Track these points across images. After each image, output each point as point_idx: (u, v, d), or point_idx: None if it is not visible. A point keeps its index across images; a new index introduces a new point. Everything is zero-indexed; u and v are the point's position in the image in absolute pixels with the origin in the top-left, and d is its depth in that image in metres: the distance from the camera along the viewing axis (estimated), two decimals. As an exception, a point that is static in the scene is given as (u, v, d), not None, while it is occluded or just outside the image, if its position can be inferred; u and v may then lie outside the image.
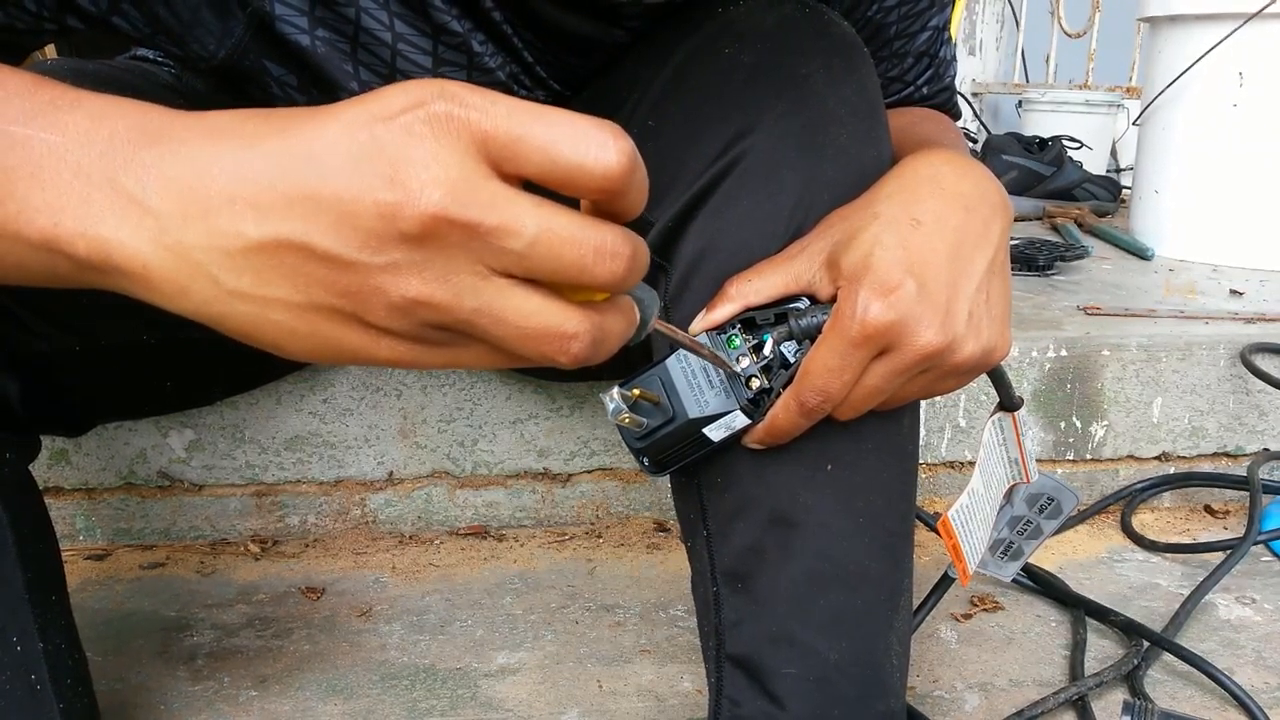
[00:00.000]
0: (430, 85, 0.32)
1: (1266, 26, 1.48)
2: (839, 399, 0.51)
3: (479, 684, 0.78)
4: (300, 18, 0.56)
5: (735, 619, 0.56)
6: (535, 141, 0.32)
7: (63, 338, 0.62)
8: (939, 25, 0.75)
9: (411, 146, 0.31)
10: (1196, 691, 0.79)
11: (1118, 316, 1.20)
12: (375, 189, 0.31)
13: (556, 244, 0.32)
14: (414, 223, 0.31)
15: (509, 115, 0.32)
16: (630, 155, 0.32)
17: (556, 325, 0.34)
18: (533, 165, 0.32)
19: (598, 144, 0.32)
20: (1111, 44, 2.88)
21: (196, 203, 0.32)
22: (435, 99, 0.32)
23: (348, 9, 0.57)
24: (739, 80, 0.58)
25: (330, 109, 0.33)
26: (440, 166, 0.31)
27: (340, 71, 0.59)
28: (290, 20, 0.56)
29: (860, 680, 0.55)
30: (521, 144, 0.32)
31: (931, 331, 0.49)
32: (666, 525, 1.05)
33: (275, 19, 0.56)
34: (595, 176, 0.32)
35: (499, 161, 0.32)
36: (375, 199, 0.31)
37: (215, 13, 0.55)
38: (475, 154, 0.32)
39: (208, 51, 0.57)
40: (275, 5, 0.55)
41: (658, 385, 0.53)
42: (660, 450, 0.55)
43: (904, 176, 0.54)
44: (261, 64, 0.59)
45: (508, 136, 0.32)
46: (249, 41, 0.57)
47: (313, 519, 1.00)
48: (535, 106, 0.32)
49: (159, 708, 0.74)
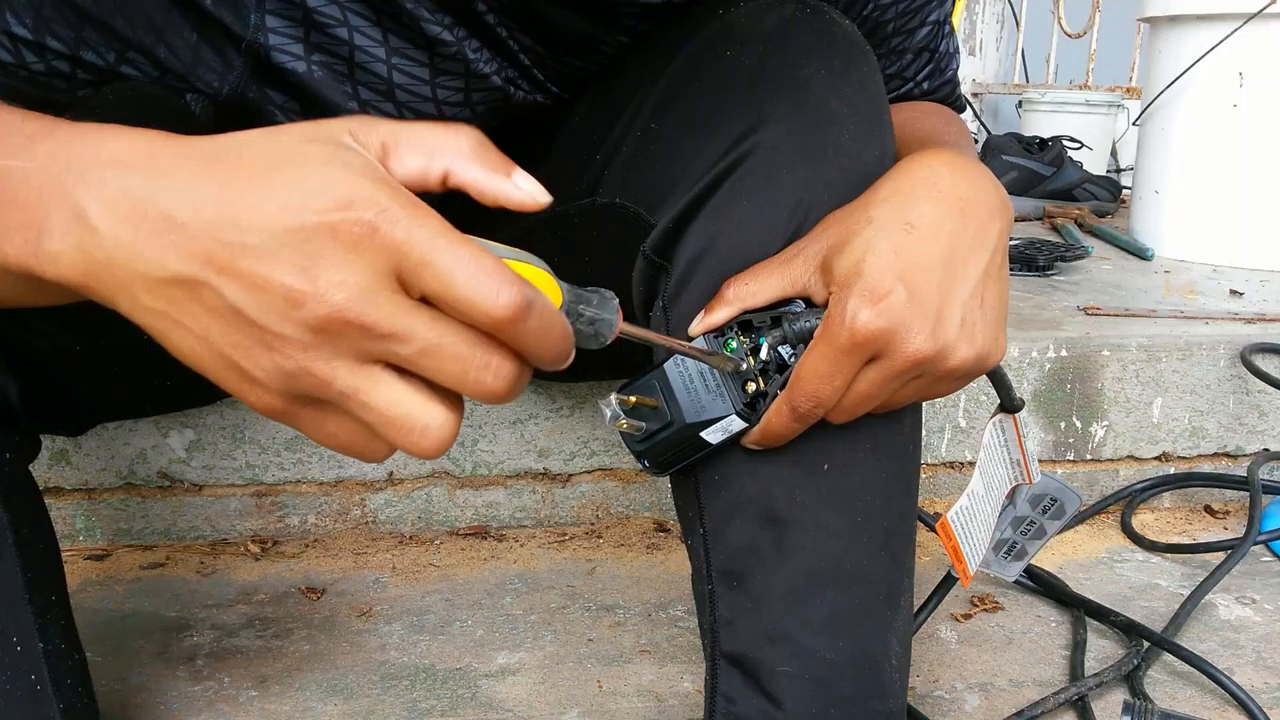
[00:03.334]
0: (363, 184, 0.35)
1: (1266, 26, 1.48)
2: (830, 404, 0.51)
3: (479, 684, 0.78)
4: (295, 45, 0.57)
5: (730, 617, 0.56)
6: (437, 269, 0.35)
7: (63, 337, 0.62)
8: (939, 20, 0.75)
9: (330, 247, 0.34)
10: (1196, 691, 0.79)
11: (1118, 316, 1.20)
12: (288, 274, 0.34)
13: (442, 358, 0.35)
14: (312, 315, 0.34)
15: (427, 240, 0.34)
16: (515, 308, 0.35)
17: (418, 419, 0.36)
18: (431, 292, 0.35)
19: (489, 290, 0.35)
20: (1111, 44, 2.88)
21: (131, 227, 0.35)
22: (364, 205, 0.34)
23: (339, 30, 0.57)
24: (741, 83, 0.58)
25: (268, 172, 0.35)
26: (349, 272, 0.34)
27: (339, 94, 0.60)
28: (285, 49, 0.57)
29: (857, 679, 0.55)
30: (426, 269, 0.35)
31: (921, 338, 0.49)
32: (666, 525, 1.05)
33: (270, 50, 0.56)
34: (482, 318, 0.35)
35: (405, 279, 0.35)
36: (285, 283, 0.34)
37: (214, 49, 0.56)
38: (385, 266, 0.34)
39: (212, 88, 0.58)
40: (269, 36, 0.56)
41: (655, 390, 0.54)
42: (660, 453, 0.55)
43: (900, 178, 0.53)
44: (265, 93, 0.60)
45: (418, 259, 0.34)
46: (249, 75, 0.58)
47: (313, 519, 1.00)
48: (454, 237, 0.35)
49: (159, 708, 0.74)
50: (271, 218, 0.34)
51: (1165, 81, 1.61)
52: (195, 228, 0.35)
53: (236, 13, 0.55)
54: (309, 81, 0.58)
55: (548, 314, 0.36)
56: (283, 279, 0.34)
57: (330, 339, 0.35)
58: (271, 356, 0.35)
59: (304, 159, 0.36)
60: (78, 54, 0.52)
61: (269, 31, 0.56)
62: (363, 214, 0.34)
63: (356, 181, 0.35)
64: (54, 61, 0.52)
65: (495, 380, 0.36)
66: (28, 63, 0.51)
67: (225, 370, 0.37)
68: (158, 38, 0.54)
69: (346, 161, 0.36)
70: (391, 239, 0.34)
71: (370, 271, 0.34)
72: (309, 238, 0.34)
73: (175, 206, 0.35)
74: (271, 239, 0.34)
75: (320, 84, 0.59)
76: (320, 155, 0.36)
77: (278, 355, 0.35)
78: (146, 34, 0.53)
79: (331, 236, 0.34)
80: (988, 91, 3.15)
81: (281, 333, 0.35)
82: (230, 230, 0.34)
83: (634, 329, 0.44)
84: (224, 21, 0.55)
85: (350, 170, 0.35)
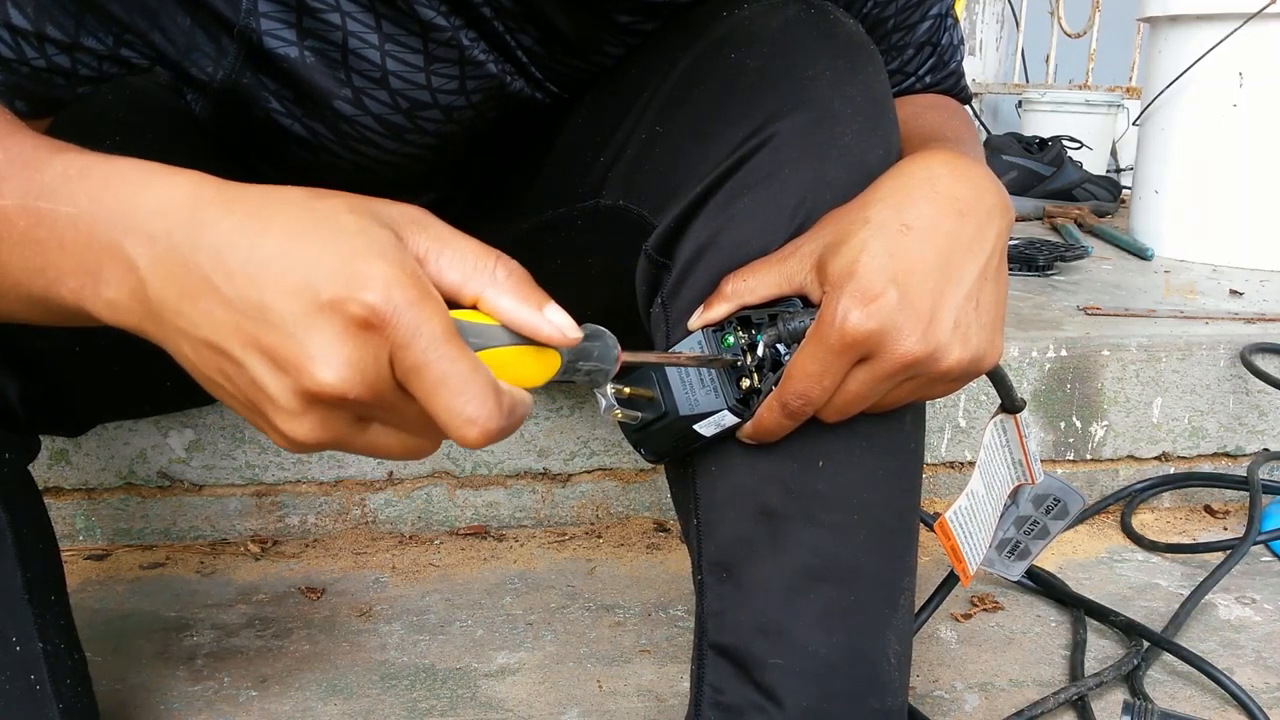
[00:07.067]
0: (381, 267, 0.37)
1: (1266, 26, 1.48)
2: (820, 403, 0.51)
3: (479, 684, 0.78)
4: (287, 30, 0.57)
5: (719, 608, 0.56)
6: (424, 381, 0.37)
7: (63, 337, 0.62)
8: (940, 13, 0.75)
9: (335, 333, 0.37)
10: (1196, 691, 0.79)
11: (1118, 316, 1.20)
12: (297, 355, 0.37)
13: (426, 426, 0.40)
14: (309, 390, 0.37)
15: (426, 346, 0.37)
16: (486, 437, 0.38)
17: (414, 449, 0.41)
18: (415, 395, 0.38)
19: (464, 420, 0.37)
20: (1111, 44, 2.88)
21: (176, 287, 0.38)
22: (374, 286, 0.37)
23: (331, 15, 0.57)
24: (745, 85, 0.58)
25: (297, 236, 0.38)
26: (349, 356, 0.37)
27: (332, 80, 0.59)
28: (277, 34, 0.57)
29: (852, 676, 0.55)
30: (415, 374, 0.37)
31: (912, 340, 0.49)
32: (666, 525, 1.05)
33: (263, 35, 0.56)
34: (454, 437, 0.38)
35: (398, 369, 0.38)
36: (295, 361, 0.37)
37: (207, 36, 0.56)
38: (384, 354, 0.37)
39: (206, 75, 0.58)
40: (261, 21, 0.56)
41: (651, 381, 0.54)
42: (655, 442, 0.56)
43: (899, 179, 0.53)
44: (259, 80, 0.59)
45: (412, 363, 0.37)
46: (242, 61, 0.58)
47: (313, 519, 1.00)
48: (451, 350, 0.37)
49: (159, 708, 0.74)
50: (289, 293, 0.37)
51: (1165, 81, 1.61)
52: (227, 295, 0.37)
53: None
54: (301, 68, 0.58)
55: (513, 422, 0.39)
56: (291, 356, 0.37)
57: (327, 411, 0.38)
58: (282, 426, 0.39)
59: (337, 231, 0.38)
60: (78, 40, 0.52)
61: (261, 16, 0.56)
62: (369, 298, 0.36)
63: (374, 265, 0.37)
64: (54, 57, 0.52)
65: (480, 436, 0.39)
66: (28, 58, 0.51)
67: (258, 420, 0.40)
68: (152, 23, 0.54)
69: (373, 240, 0.38)
70: (390, 330, 0.37)
71: (369, 359, 0.37)
72: (318, 319, 0.36)
73: (212, 269, 0.38)
74: (287, 315, 0.37)
75: (313, 70, 0.58)
76: (353, 228, 0.38)
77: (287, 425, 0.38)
78: (141, 18, 0.53)
79: (340, 320, 0.36)
80: (987, 91, 3.14)
81: (286, 405, 0.38)
82: (254, 303, 0.37)
83: (634, 357, 0.45)
84: (216, 6, 0.54)
85: (372, 252, 0.37)
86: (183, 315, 0.38)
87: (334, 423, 0.38)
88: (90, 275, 0.40)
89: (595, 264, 0.69)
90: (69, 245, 0.40)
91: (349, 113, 0.61)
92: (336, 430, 0.39)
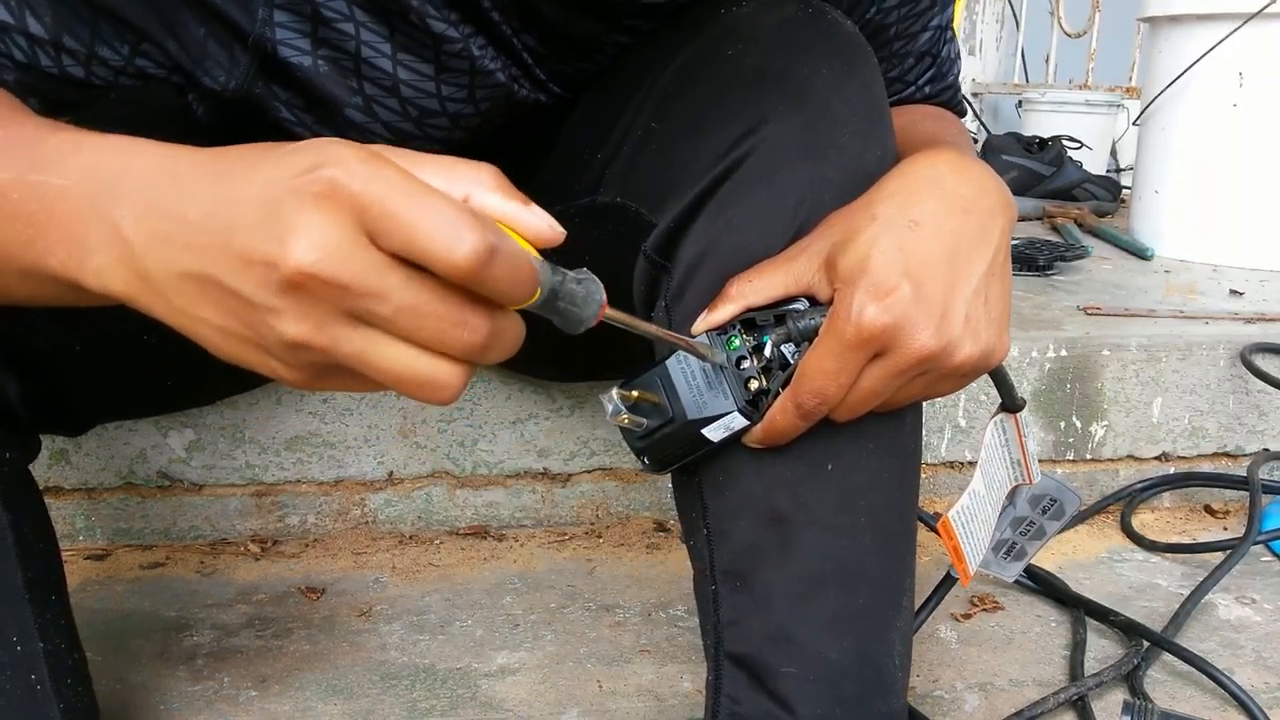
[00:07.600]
0: (329, 149, 0.35)
1: (1266, 26, 1.48)
2: (836, 401, 0.51)
3: (479, 684, 0.78)
4: (301, 40, 0.57)
5: (734, 617, 0.56)
6: (399, 222, 0.35)
7: (63, 337, 0.62)
8: (941, 25, 0.75)
9: (299, 210, 0.35)
10: (1196, 691, 0.79)
11: (1118, 316, 1.20)
12: (266, 244, 0.35)
13: (418, 316, 0.36)
14: (287, 276, 0.35)
15: (386, 190, 0.35)
16: (480, 253, 0.34)
17: (425, 375, 0.37)
18: (395, 244, 0.35)
19: (452, 237, 0.34)
20: (1111, 44, 2.88)
21: (155, 235, 0.38)
22: (329, 164, 0.35)
23: (345, 25, 0.57)
24: (742, 83, 0.58)
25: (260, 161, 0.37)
26: (318, 230, 0.35)
27: (344, 89, 0.60)
28: (291, 44, 0.57)
29: (861, 680, 0.55)
30: (388, 221, 0.35)
31: (927, 334, 0.49)
32: (666, 525, 1.05)
33: (277, 44, 0.56)
34: (445, 266, 0.35)
35: (374, 235, 0.35)
36: (264, 251, 0.35)
37: (220, 45, 0.56)
38: (353, 222, 0.35)
39: (219, 84, 0.58)
40: (276, 31, 0.56)
41: (657, 386, 0.54)
42: (660, 450, 0.55)
43: (904, 177, 0.54)
44: (271, 89, 0.59)
45: (379, 211, 0.35)
46: (256, 71, 0.58)
47: (313, 519, 1.00)
48: (414, 186, 0.35)
49: (159, 708, 0.74)
50: (253, 197, 0.36)
51: (1165, 81, 1.61)
52: (197, 220, 0.37)
53: (245, 7, 0.55)
54: (314, 77, 0.58)
55: (514, 257, 0.36)
56: (263, 249, 0.35)
57: (313, 303, 0.36)
58: (274, 330, 0.36)
59: (297, 147, 0.37)
60: (94, 51, 0.52)
61: (276, 26, 0.56)
62: (325, 172, 0.35)
63: (330, 149, 0.36)
64: (69, 67, 0.52)
65: (473, 336, 0.37)
66: (43, 65, 0.51)
67: (250, 354, 0.38)
68: (167, 31, 0.54)
69: (332, 141, 0.36)
70: (349, 191, 0.35)
71: (338, 228, 0.35)
72: (281, 206, 0.35)
73: (183, 205, 0.37)
74: (255, 217, 0.36)
75: (325, 80, 0.59)
76: (319, 144, 0.37)
77: (277, 328, 0.36)
78: (157, 26, 0.53)
79: (299, 200, 0.35)
80: (987, 91, 3.15)
81: (272, 305, 0.36)
82: (224, 216, 0.36)
83: (620, 315, 0.43)
84: (231, 16, 0.55)
85: (333, 146, 0.36)
86: (162, 260, 0.38)
87: (320, 314, 0.36)
88: (78, 244, 0.39)
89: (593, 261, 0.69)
90: (58, 216, 0.40)
91: (359, 120, 0.61)
92: (324, 323, 0.36)
